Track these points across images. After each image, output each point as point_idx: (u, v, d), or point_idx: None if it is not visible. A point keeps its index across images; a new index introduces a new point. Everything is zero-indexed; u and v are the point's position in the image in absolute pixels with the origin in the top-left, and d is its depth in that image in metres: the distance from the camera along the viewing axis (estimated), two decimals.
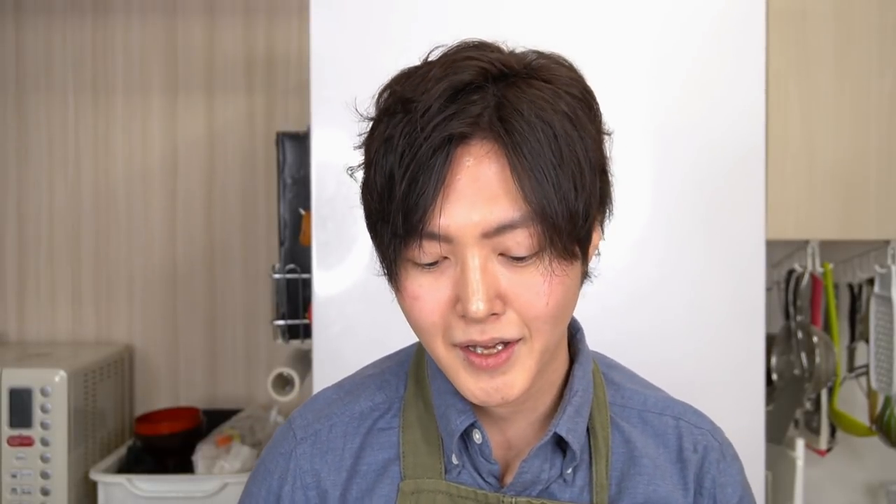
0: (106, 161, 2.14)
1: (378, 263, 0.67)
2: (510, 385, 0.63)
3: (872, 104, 1.48)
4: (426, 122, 0.59)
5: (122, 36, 2.13)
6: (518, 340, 0.63)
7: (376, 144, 0.62)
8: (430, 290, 0.63)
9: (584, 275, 0.68)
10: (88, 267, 2.15)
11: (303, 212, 1.65)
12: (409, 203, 0.59)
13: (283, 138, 1.72)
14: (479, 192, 0.59)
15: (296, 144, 1.71)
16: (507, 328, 0.62)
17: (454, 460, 0.71)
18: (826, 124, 1.48)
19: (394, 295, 0.67)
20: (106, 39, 2.14)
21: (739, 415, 1.32)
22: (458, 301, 0.61)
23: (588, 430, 0.72)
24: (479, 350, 0.63)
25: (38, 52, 2.13)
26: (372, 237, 0.66)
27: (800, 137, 1.48)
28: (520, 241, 0.60)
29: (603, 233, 0.69)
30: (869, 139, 1.48)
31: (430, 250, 0.61)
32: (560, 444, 0.71)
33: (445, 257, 0.62)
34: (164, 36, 2.13)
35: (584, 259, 0.66)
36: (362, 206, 0.66)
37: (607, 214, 0.68)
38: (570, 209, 0.60)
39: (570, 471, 0.71)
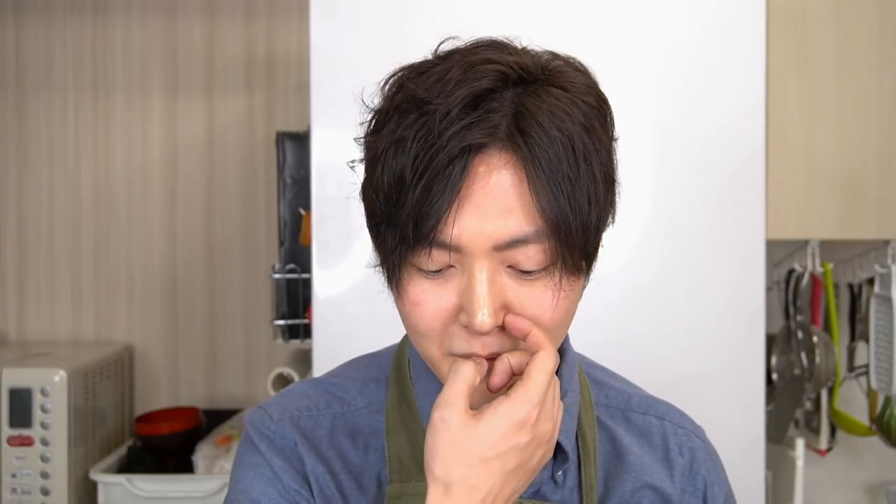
0: (106, 161, 2.14)
1: (377, 264, 0.65)
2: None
3: (872, 104, 1.48)
4: (444, 129, 0.57)
5: (122, 36, 2.14)
6: None
7: (385, 143, 0.60)
8: (432, 296, 0.62)
9: (585, 286, 0.68)
10: (88, 267, 2.15)
11: (303, 212, 1.65)
12: (421, 210, 0.58)
13: (283, 138, 1.72)
14: (493, 204, 0.58)
15: (296, 144, 1.71)
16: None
17: None
18: (826, 124, 1.48)
19: (392, 295, 0.66)
20: (106, 39, 2.14)
21: (739, 414, 1.32)
22: (461, 311, 0.61)
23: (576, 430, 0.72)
24: None
25: (38, 52, 2.14)
26: (373, 237, 0.65)
27: (800, 137, 1.48)
28: (531, 255, 0.59)
29: (602, 243, 0.68)
30: (869, 139, 1.48)
31: (437, 259, 0.60)
32: None
33: (452, 265, 0.61)
34: (164, 36, 2.13)
35: (589, 272, 0.66)
36: (363, 204, 0.65)
37: (610, 223, 0.68)
38: (583, 224, 0.60)
39: (560, 472, 0.70)
